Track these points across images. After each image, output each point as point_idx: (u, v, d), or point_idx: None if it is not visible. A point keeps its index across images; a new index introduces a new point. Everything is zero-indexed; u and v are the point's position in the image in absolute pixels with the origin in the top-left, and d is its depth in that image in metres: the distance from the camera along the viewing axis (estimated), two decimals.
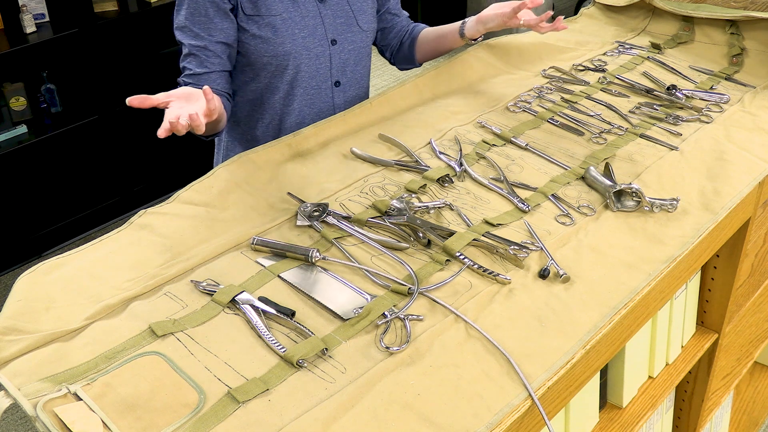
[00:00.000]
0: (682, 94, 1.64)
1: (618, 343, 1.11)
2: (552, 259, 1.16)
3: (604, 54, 1.87)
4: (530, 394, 0.94)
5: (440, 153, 1.44)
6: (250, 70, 1.57)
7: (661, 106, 1.63)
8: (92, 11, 2.97)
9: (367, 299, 1.08)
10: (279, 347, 0.99)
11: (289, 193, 1.32)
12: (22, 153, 2.92)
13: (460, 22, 1.68)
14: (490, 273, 1.13)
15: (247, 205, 1.29)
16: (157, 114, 1.22)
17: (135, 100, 1.14)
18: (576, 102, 1.65)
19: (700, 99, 1.65)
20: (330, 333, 1.03)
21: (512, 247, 1.17)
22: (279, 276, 1.13)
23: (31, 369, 0.96)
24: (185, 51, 1.50)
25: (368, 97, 1.69)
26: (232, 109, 1.61)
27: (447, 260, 1.16)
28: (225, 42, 1.49)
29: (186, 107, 1.22)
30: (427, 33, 1.75)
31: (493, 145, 1.48)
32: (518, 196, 1.31)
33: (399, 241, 1.20)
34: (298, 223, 1.24)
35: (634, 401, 1.43)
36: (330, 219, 1.24)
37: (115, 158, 3.19)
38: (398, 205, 1.25)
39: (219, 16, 1.47)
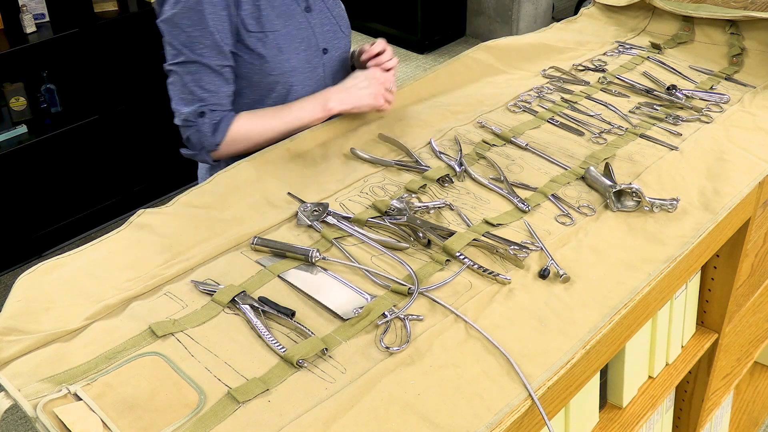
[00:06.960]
0: (682, 94, 1.64)
1: (618, 343, 1.11)
2: (552, 259, 1.16)
3: (604, 54, 1.87)
4: (530, 394, 0.94)
5: (440, 153, 1.44)
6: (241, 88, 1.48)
7: (661, 106, 1.62)
8: (92, 11, 2.96)
9: (367, 299, 1.08)
10: (279, 347, 0.99)
11: (289, 193, 1.32)
12: (22, 153, 2.92)
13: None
14: (490, 273, 1.13)
15: (247, 205, 1.29)
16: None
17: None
18: (576, 102, 1.65)
19: (700, 99, 1.65)
20: (330, 333, 1.03)
21: (512, 247, 1.17)
22: (279, 276, 1.13)
23: (31, 369, 0.96)
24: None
25: None
26: None
27: (447, 260, 1.16)
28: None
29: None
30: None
31: (493, 145, 1.48)
32: (518, 196, 1.31)
33: (399, 241, 1.20)
34: (298, 223, 1.24)
35: (634, 401, 1.43)
36: (330, 219, 1.24)
37: (115, 158, 3.19)
38: (398, 205, 1.25)
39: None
